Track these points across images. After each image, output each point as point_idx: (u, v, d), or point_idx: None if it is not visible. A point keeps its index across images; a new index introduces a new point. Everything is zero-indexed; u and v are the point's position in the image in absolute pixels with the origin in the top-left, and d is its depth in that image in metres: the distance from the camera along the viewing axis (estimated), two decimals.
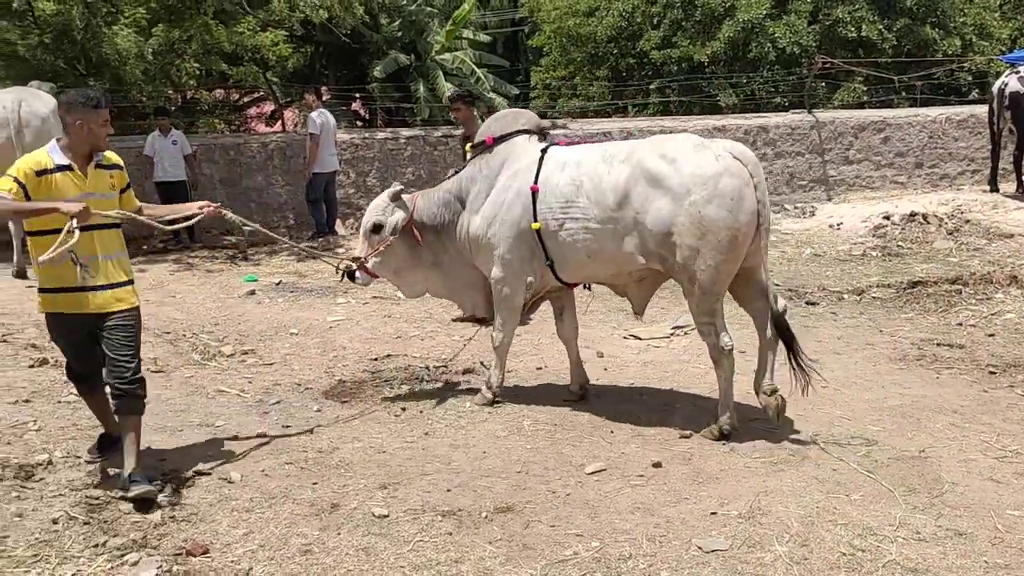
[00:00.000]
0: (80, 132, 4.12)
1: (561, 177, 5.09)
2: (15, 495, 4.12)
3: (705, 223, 4.62)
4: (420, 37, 17.36)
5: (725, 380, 4.97)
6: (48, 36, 14.13)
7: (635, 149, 4.95)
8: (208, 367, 6.38)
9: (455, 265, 5.64)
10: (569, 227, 5.05)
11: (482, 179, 5.42)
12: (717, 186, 4.63)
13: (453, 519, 4.00)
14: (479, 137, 5.57)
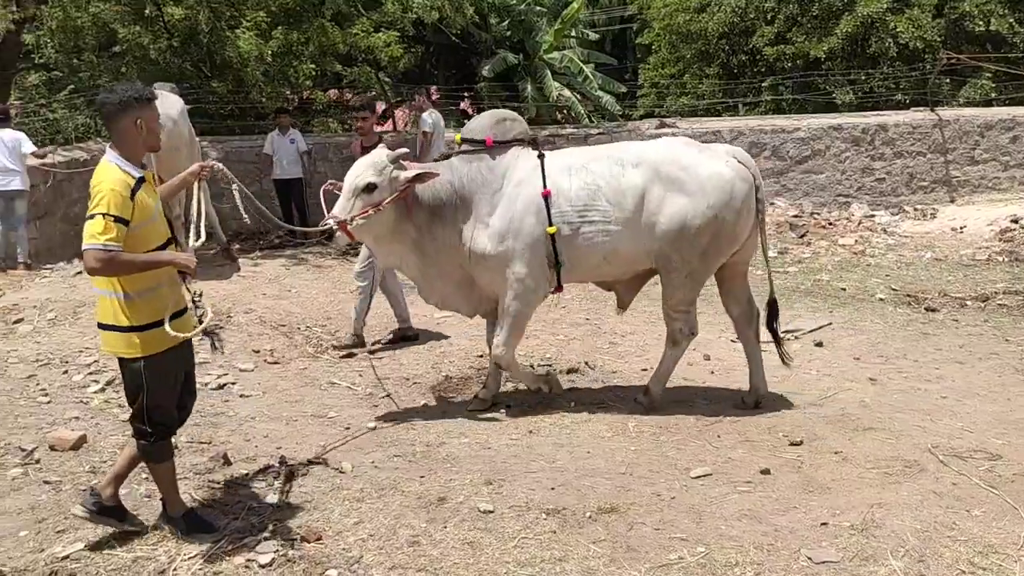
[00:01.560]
0: (139, 132, 3.53)
1: (572, 182, 5.18)
2: (144, 476, 4.34)
3: (719, 224, 5.03)
4: (529, 36, 17.43)
5: (676, 358, 5.49)
6: (176, 40, 14.86)
7: (645, 153, 5.19)
8: (321, 360, 6.60)
9: (435, 253, 5.30)
10: (586, 231, 5.14)
11: (485, 187, 5.25)
12: (732, 190, 5.05)
13: (557, 517, 4.03)
14: (471, 134, 5.37)
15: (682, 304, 5.29)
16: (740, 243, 5.23)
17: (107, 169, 3.49)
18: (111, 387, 5.57)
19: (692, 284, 5.23)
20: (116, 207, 3.37)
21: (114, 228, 3.34)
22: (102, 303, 3.58)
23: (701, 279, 5.27)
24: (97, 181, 3.45)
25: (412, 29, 16.69)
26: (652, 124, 13.28)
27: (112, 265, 3.36)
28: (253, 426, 5.11)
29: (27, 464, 4.46)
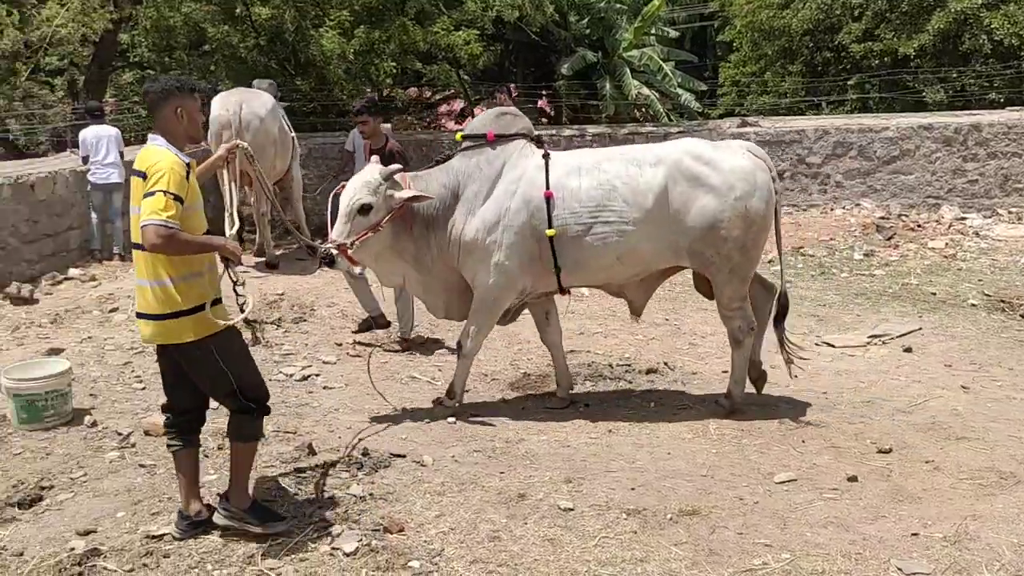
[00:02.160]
0: (180, 121, 3.57)
1: (583, 182, 5.10)
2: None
3: (750, 215, 5.02)
4: (608, 34, 17.34)
5: (745, 358, 5.36)
6: (263, 39, 15.23)
7: (662, 152, 5.14)
8: (401, 353, 6.68)
9: (433, 263, 5.23)
10: (599, 231, 5.06)
11: (482, 178, 5.17)
12: (756, 180, 5.06)
13: (638, 518, 4.00)
14: (474, 130, 5.32)
15: (734, 302, 5.24)
16: (769, 232, 5.23)
17: (160, 151, 3.49)
18: None
19: (738, 279, 5.18)
20: (175, 185, 3.39)
21: (173, 206, 3.37)
22: (151, 293, 3.52)
23: (745, 273, 5.20)
24: (153, 161, 3.44)
25: (492, 27, 16.77)
26: (733, 123, 13.06)
27: (173, 242, 3.36)
28: (336, 417, 5.21)
29: (124, 448, 4.63)
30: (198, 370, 3.66)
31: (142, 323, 3.61)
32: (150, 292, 3.52)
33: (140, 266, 3.55)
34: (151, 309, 3.54)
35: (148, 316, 3.56)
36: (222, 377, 3.65)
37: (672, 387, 5.92)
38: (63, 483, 4.24)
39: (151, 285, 3.52)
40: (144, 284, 3.54)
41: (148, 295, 3.54)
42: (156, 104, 3.58)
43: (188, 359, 3.64)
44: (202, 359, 3.61)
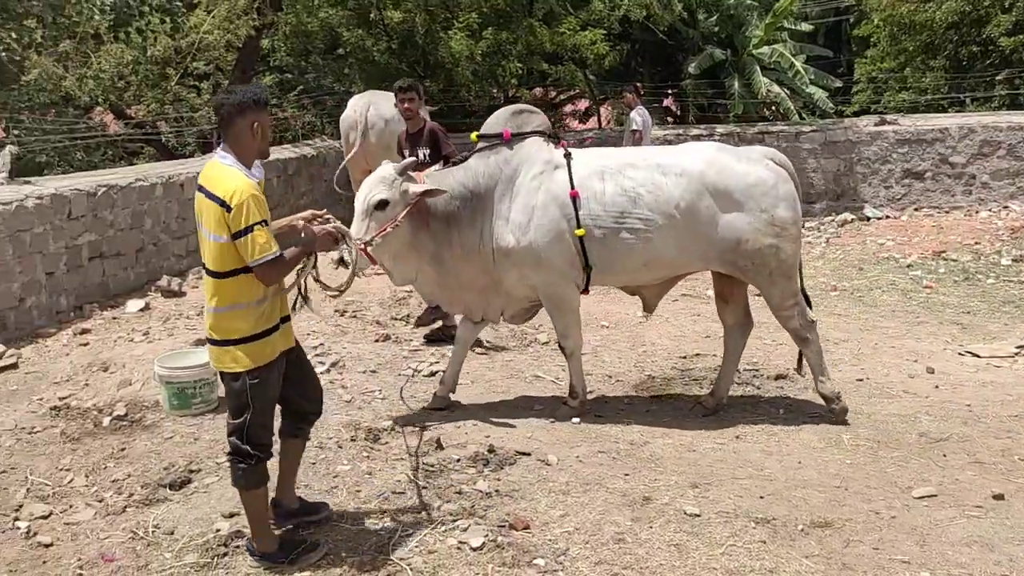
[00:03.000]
0: (255, 137, 3.42)
1: (607, 186, 5.02)
2: (365, 455, 4.64)
3: (777, 222, 5.00)
4: (738, 31, 16.94)
5: (817, 353, 5.29)
6: (395, 42, 15.65)
7: (686, 163, 5.04)
8: (526, 353, 6.74)
9: (454, 261, 5.11)
10: (625, 237, 5.01)
11: (503, 180, 5.09)
12: (779, 191, 5.03)
13: (767, 527, 3.92)
14: (489, 129, 5.19)
15: (786, 300, 5.19)
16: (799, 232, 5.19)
17: (234, 175, 3.35)
18: (335, 369, 5.97)
19: (782, 279, 5.13)
20: (260, 211, 3.32)
21: (268, 234, 3.34)
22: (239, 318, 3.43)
23: (788, 271, 5.15)
24: (230, 189, 3.30)
25: (618, 27, 16.69)
26: (870, 121, 12.58)
27: (284, 267, 3.40)
28: (463, 413, 5.30)
29: None
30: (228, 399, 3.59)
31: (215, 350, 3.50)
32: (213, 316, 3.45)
33: (209, 289, 3.45)
34: (211, 333, 3.47)
35: (209, 340, 3.51)
36: (239, 415, 3.52)
37: (802, 394, 5.75)
38: (210, 467, 4.48)
39: (214, 310, 3.44)
40: (211, 309, 3.45)
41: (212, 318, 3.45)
42: (231, 118, 3.39)
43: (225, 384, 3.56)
44: (236, 390, 3.50)
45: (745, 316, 5.54)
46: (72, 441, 4.81)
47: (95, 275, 7.89)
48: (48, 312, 7.28)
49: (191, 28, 15.07)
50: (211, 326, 3.47)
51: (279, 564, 3.58)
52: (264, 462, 3.58)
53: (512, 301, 5.33)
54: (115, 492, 4.24)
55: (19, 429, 4.94)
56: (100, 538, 3.82)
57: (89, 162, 13.89)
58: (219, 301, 3.42)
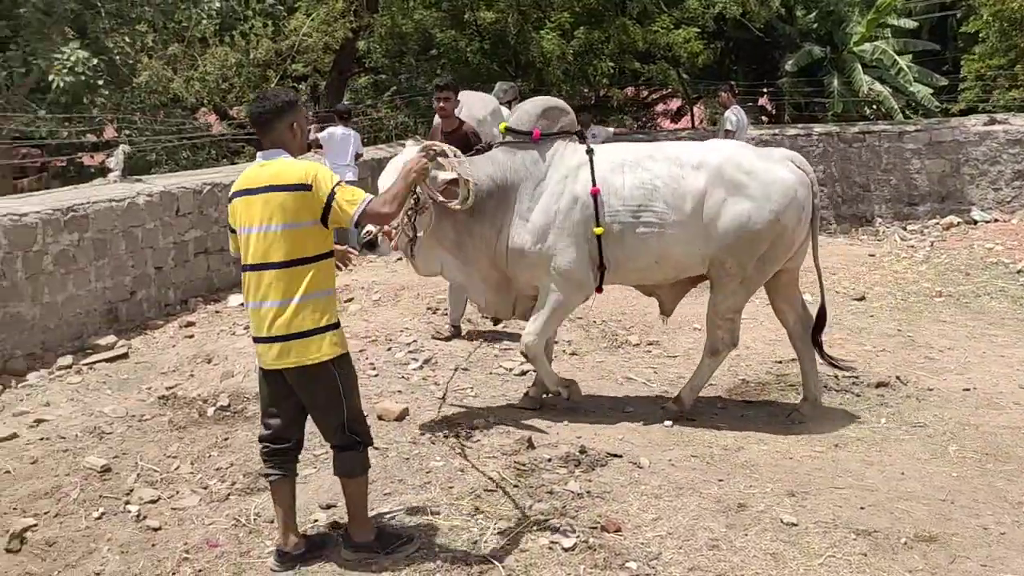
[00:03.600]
0: (295, 136, 3.49)
1: (625, 180, 4.94)
2: (457, 452, 4.68)
3: (780, 229, 4.91)
4: (837, 28, 16.52)
5: (711, 369, 5.34)
6: (487, 42, 15.78)
7: (705, 156, 4.98)
8: (617, 354, 6.70)
9: (474, 252, 5.02)
10: (640, 231, 4.93)
11: (528, 179, 4.97)
12: (795, 195, 4.93)
13: (868, 539, 3.80)
14: (519, 125, 5.04)
15: (729, 312, 5.12)
16: (794, 250, 5.12)
17: (297, 162, 3.44)
18: (428, 365, 6.05)
19: (744, 292, 5.10)
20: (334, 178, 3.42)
21: (350, 189, 3.41)
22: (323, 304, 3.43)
23: (753, 288, 5.13)
24: (303, 169, 3.37)
25: (713, 24, 16.46)
26: (979, 120, 12.08)
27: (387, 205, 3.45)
28: (554, 414, 5.30)
29: None
30: (316, 395, 3.51)
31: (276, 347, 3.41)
32: (293, 309, 3.38)
33: (281, 285, 3.39)
34: (292, 328, 3.39)
35: (285, 337, 3.39)
36: (336, 406, 3.53)
37: (905, 403, 5.57)
38: (308, 459, 4.58)
39: (297, 301, 3.38)
40: (289, 302, 3.38)
41: (290, 312, 3.38)
42: (270, 122, 3.43)
43: (310, 380, 3.48)
44: (325, 383, 3.48)
45: (803, 310, 5.43)
46: (179, 429, 5.01)
47: (200, 270, 8.19)
48: (157, 305, 7.60)
49: (291, 31, 15.51)
50: (291, 320, 3.37)
51: (375, 555, 3.62)
52: (367, 448, 3.66)
53: (522, 299, 5.25)
54: (219, 480, 4.40)
55: (130, 416, 5.16)
56: (205, 524, 3.96)
57: (194, 161, 14.42)
58: (305, 289, 3.37)
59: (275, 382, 3.54)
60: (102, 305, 6.97)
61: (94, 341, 6.64)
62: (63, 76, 9.10)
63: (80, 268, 6.73)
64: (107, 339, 6.66)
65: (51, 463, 4.52)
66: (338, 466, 3.64)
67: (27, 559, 3.73)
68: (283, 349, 3.41)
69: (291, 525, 3.63)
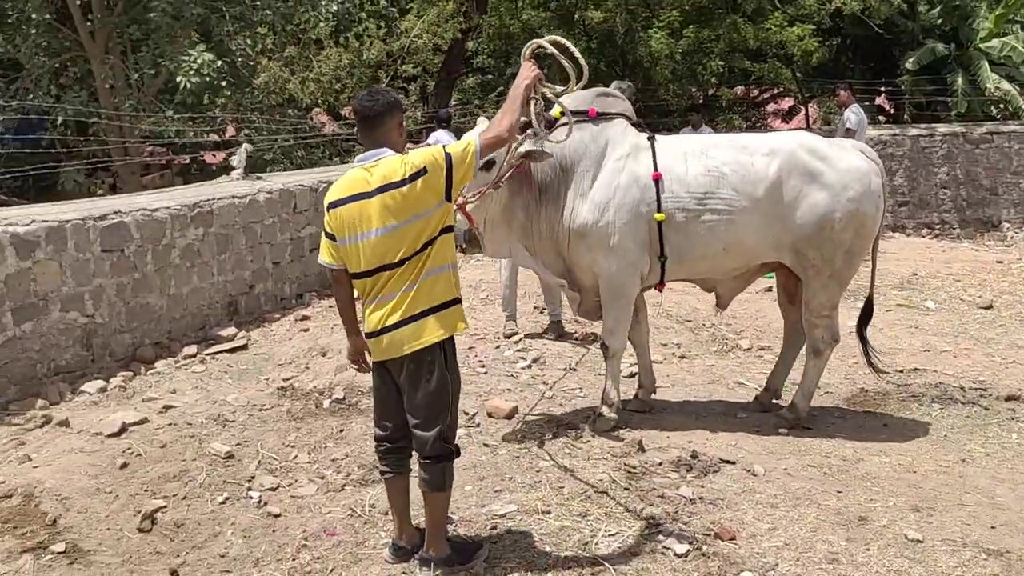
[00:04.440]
0: (401, 135, 3.51)
1: (689, 167, 4.87)
2: (567, 451, 4.68)
3: (859, 218, 4.81)
4: (963, 23, 15.77)
5: (818, 372, 5.18)
6: (594, 41, 15.72)
7: (776, 143, 4.91)
8: (727, 358, 6.58)
9: (539, 239, 4.92)
10: (707, 219, 4.83)
11: (588, 156, 4.87)
12: (871, 184, 4.84)
13: (1000, 560, 3.62)
14: (575, 106, 4.74)
15: (825, 308, 4.98)
16: (874, 239, 5.03)
17: (400, 155, 3.40)
18: (536, 364, 6.07)
19: (836, 285, 4.95)
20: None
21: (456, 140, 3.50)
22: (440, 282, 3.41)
23: (844, 279, 5.00)
24: (410, 159, 3.35)
25: (828, 21, 15.96)
26: None
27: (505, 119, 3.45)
28: (664, 417, 5.24)
29: (470, 427, 5.01)
30: (435, 383, 3.44)
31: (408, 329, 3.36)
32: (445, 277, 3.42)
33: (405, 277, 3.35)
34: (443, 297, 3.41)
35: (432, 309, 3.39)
36: (442, 410, 3.49)
37: None
38: None
39: (445, 270, 3.42)
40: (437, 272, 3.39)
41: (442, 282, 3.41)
42: (380, 119, 3.41)
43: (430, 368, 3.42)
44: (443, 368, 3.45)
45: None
46: (296, 420, 5.16)
47: (315, 265, 8.41)
48: (274, 299, 7.86)
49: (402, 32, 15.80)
50: (410, 303, 3.35)
51: (459, 569, 3.55)
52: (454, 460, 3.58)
53: (585, 294, 5.10)
54: (335, 471, 4.51)
55: (251, 406, 5.35)
56: (322, 512, 4.07)
57: (308, 159, 14.84)
58: (427, 267, 3.35)
59: (386, 375, 3.52)
60: (223, 298, 7.25)
61: (216, 332, 6.92)
62: (190, 77, 9.51)
63: (204, 262, 7.03)
64: (228, 330, 6.93)
65: (179, 448, 4.73)
66: (425, 480, 3.51)
67: (157, 539, 3.91)
68: (393, 339, 3.37)
69: (406, 520, 3.67)
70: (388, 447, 3.63)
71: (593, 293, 5.08)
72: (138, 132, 10.40)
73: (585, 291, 5.10)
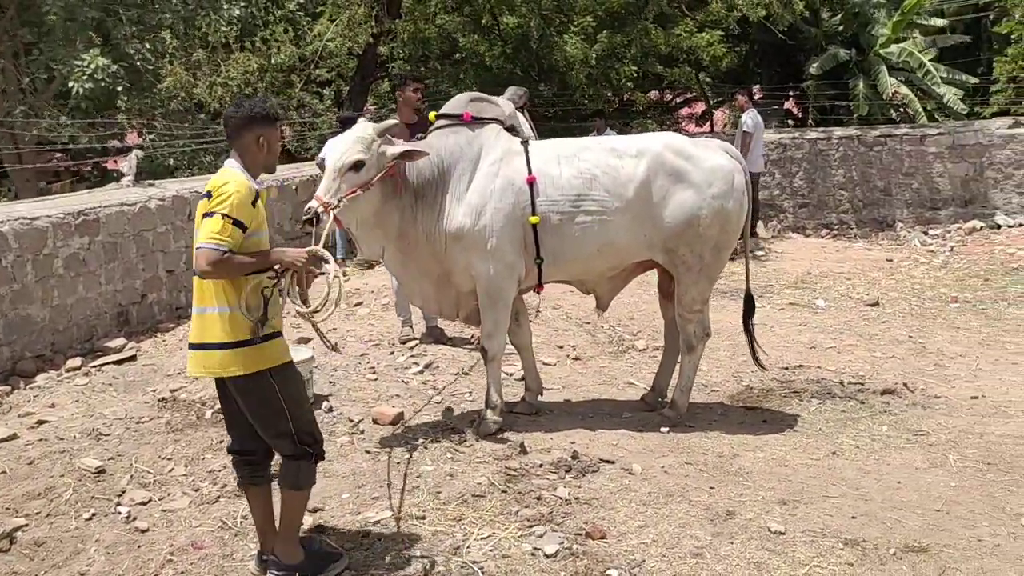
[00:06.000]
0: (260, 150, 3.36)
1: (563, 170, 4.95)
2: (449, 456, 4.68)
3: (724, 214, 4.98)
4: (863, 30, 16.31)
5: (693, 366, 5.31)
6: (509, 47, 15.79)
7: (643, 144, 5.04)
8: (621, 359, 6.67)
9: (415, 243, 4.90)
10: (581, 220, 4.92)
11: (464, 160, 4.93)
12: (734, 181, 5.02)
13: (856, 549, 3.74)
14: (450, 109, 5.03)
15: (696, 303, 5.13)
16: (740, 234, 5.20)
17: (232, 172, 3.30)
18: (428, 370, 6.06)
19: (706, 281, 5.12)
20: (237, 210, 3.19)
21: (231, 229, 3.17)
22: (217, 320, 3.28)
23: (714, 275, 5.18)
24: (222, 182, 3.24)
25: (736, 28, 16.33)
26: (1003, 123, 11.88)
27: (224, 266, 3.18)
28: (551, 419, 5.28)
29: (353, 434, 4.98)
30: (254, 406, 3.38)
31: (197, 355, 3.34)
32: (211, 319, 3.29)
33: (198, 292, 3.33)
34: (208, 338, 3.29)
35: (202, 346, 3.31)
36: (279, 416, 3.38)
37: (909, 411, 5.47)
38: None
39: (215, 311, 3.28)
40: (209, 311, 3.30)
41: (207, 323, 3.30)
42: (237, 130, 3.35)
43: (244, 393, 3.36)
44: (259, 394, 3.34)
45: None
46: (176, 432, 5.05)
47: None
48: (168, 308, 7.68)
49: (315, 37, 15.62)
50: (197, 327, 3.31)
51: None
52: (318, 461, 3.51)
53: (464, 298, 5.12)
54: (211, 482, 4.43)
55: (129, 419, 5.22)
56: (192, 526, 3.99)
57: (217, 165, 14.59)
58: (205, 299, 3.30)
59: (223, 392, 3.48)
60: (112, 308, 7.06)
61: (104, 343, 6.73)
62: (83, 83, 9.25)
63: (91, 271, 6.83)
64: (117, 341, 6.75)
65: (47, 464, 4.59)
66: (282, 475, 3.48)
67: (15, 559, 3.79)
68: (202, 357, 3.32)
69: (269, 529, 3.61)
70: (238, 458, 3.58)
71: (468, 298, 5.10)
72: (29, 139, 10.05)
73: (463, 296, 5.11)
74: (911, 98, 15.59)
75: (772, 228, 12.20)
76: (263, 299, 3.33)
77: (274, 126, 3.40)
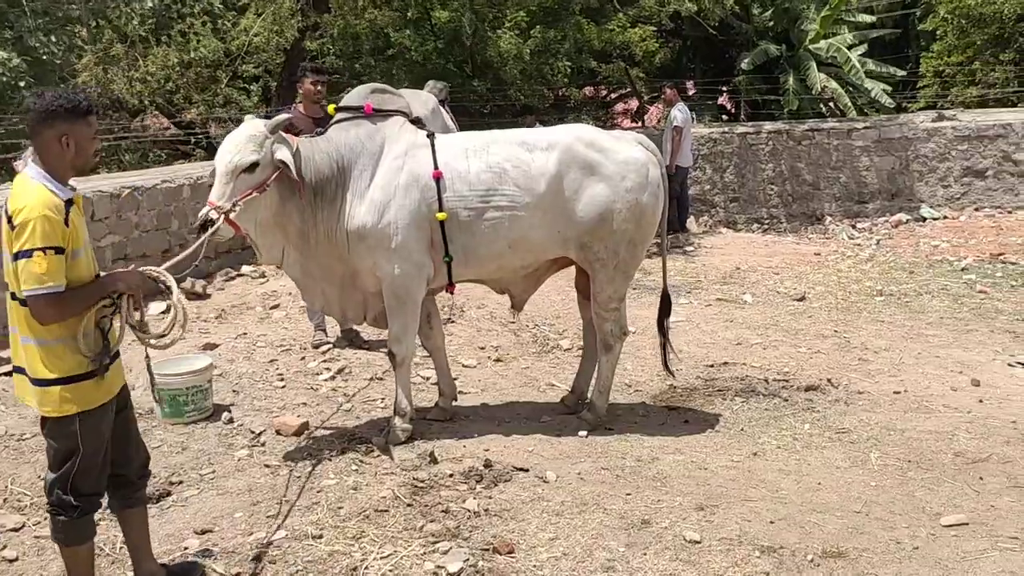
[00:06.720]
0: (64, 150, 2.90)
1: (471, 164, 4.73)
2: (354, 468, 4.44)
3: (639, 208, 4.80)
4: (793, 26, 16.40)
5: (611, 367, 5.14)
6: (441, 42, 15.53)
7: (555, 137, 4.84)
8: (545, 360, 6.48)
9: (316, 244, 4.67)
10: (491, 216, 4.71)
11: (365, 154, 4.68)
12: (648, 174, 4.84)
13: (772, 557, 3.59)
14: (350, 102, 4.82)
15: (613, 301, 4.95)
16: (656, 228, 5.02)
17: (31, 190, 2.86)
18: (340, 375, 5.79)
19: (622, 277, 4.94)
20: (48, 237, 2.80)
21: (56, 262, 2.81)
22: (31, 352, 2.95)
23: (630, 271, 5.00)
24: (20, 205, 2.82)
25: (669, 23, 16.31)
26: (928, 117, 11.99)
27: (68, 307, 2.88)
28: (465, 425, 5.07)
29: (253, 446, 4.70)
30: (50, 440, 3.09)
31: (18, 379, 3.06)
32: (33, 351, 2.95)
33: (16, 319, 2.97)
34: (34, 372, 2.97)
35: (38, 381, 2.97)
36: (60, 458, 3.06)
37: (833, 407, 5.38)
38: (192, 479, 4.33)
39: (34, 343, 2.94)
40: (28, 342, 2.96)
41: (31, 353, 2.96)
42: (37, 127, 2.91)
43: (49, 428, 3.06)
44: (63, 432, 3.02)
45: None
46: None
47: None
48: None
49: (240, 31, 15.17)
50: (27, 363, 2.97)
51: None
52: (90, 514, 3.13)
53: (371, 299, 4.88)
54: None
55: (8, 436, 4.86)
56: None
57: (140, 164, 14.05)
58: (32, 333, 2.93)
59: None
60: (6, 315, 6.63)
61: None
62: None
63: None
64: (7, 352, 6.33)
65: None
66: (53, 532, 3.15)
67: None
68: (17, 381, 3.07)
69: (142, 555, 3.37)
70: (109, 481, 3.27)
71: (376, 299, 4.84)
72: None
73: (371, 297, 4.85)
74: (840, 93, 15.72)
75: (703, 223, 12.16)
76: (100, 331, 3.01)
77: (82, 121, 2.92)
